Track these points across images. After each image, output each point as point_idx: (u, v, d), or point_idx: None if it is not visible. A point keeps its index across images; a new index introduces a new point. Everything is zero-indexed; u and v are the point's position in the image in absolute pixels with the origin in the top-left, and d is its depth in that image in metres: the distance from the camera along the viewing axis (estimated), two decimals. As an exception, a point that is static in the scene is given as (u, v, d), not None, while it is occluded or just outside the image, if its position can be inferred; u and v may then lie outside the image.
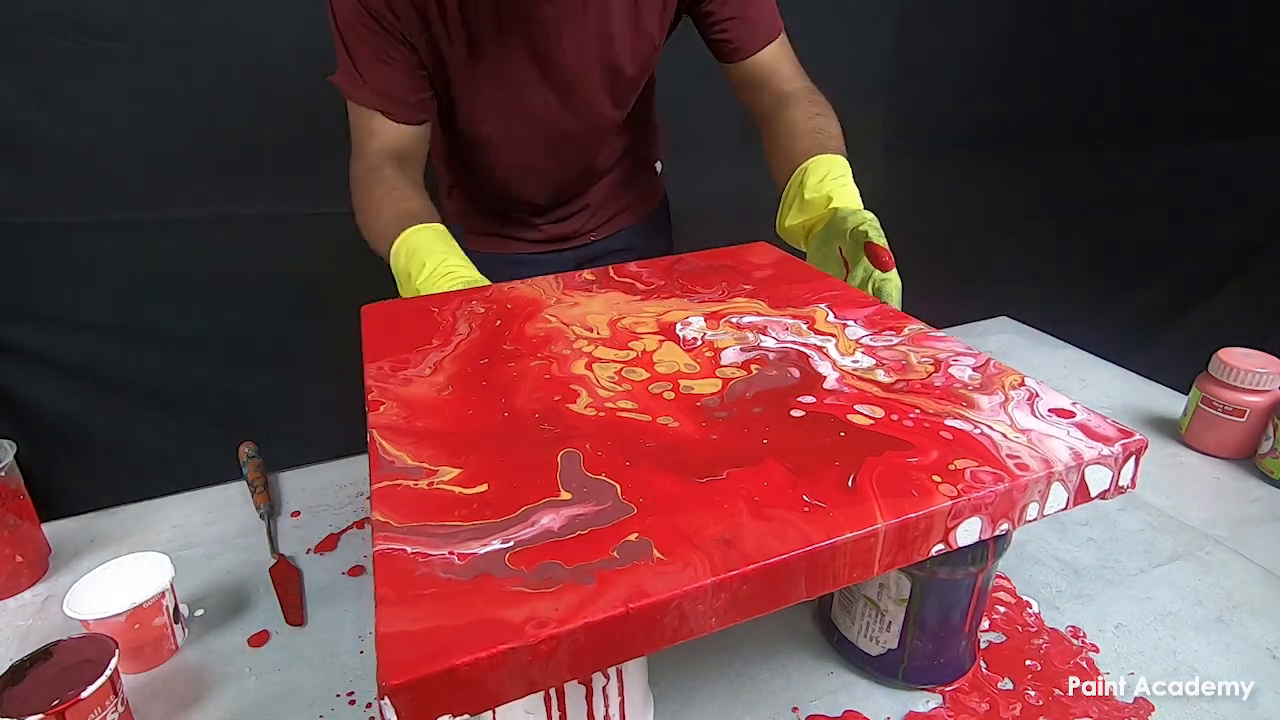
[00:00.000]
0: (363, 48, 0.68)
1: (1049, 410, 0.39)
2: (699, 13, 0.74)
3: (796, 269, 0.59)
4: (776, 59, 0.76)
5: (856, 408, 0.40)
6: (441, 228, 0.65)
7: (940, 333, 0.48)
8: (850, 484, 0.34)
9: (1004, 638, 0.48)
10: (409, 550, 0.31)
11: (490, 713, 0.34)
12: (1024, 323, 0.92)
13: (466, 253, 0.64)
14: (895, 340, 0.47)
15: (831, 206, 0.64)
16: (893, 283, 0.58)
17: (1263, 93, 1.36)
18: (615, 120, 0.80)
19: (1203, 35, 1.36)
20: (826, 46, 0.94)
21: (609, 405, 0.41)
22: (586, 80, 0.74)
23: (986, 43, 1.32)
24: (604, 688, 0.36)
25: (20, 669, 0.40)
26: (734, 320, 0.50)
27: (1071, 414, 0.39)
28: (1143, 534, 0.57)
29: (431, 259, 0.61)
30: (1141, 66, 1.35)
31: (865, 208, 0.63)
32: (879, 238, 0.58)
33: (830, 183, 0.65)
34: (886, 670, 0.44)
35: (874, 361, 0.44)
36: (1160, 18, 1.35)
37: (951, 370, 0.43)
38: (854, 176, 0.67)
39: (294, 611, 0.52)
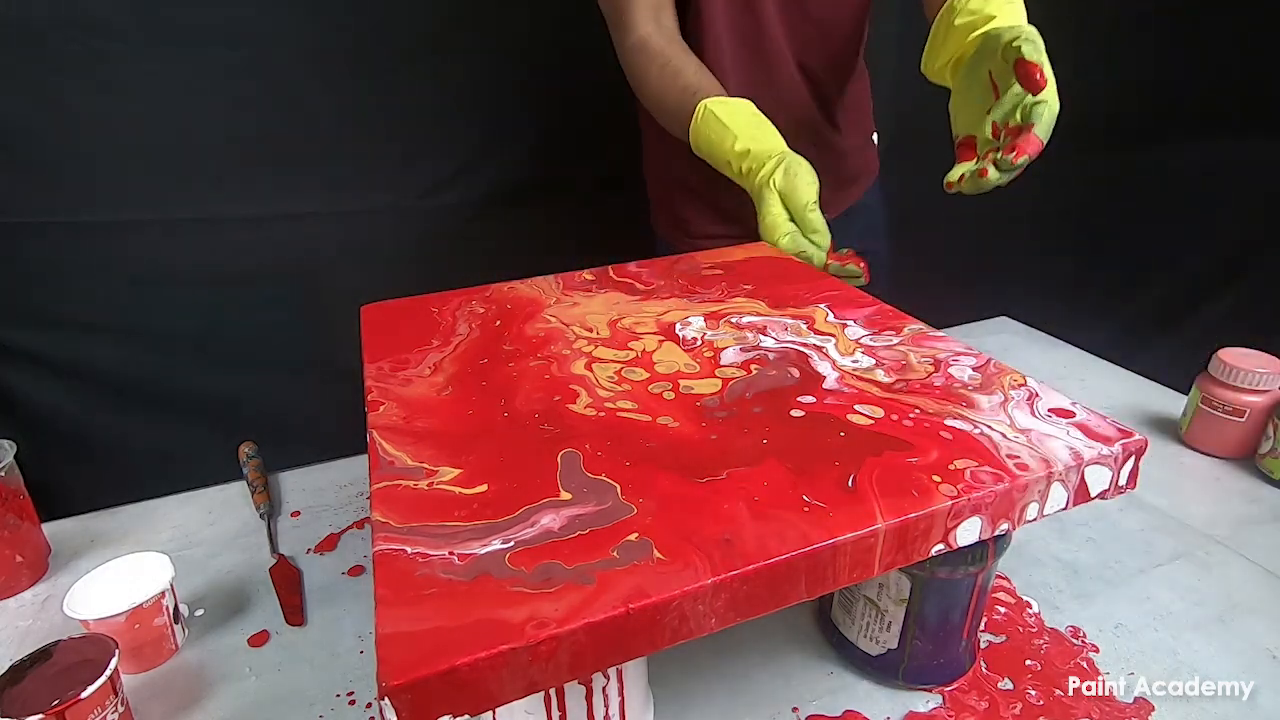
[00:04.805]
0: None
1: (1049, 410, 0.39)
2: None
3: (796, 269, 0.59)
4: None
5: (856, 408, 0.40)
6: (725, 103, 0.66)
7: (940, 333, 0.48)
8: (850, 484, 0.34)
9: (1004, 638, 0.48)
10: (409, 550, 0.31)
11: (490, 713, 0.34)
12: (1024, 323, 0.92)
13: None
14: (895, 340, 0.47)
15: (987, 29, 0.55)
16: (1048, 107, 0.50)
17: (1263, 93, 1.36)
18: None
19: (1203, 35, 1.36)
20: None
21: (609, 405, 0.41)
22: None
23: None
24: (604, 688, 0.36)
25: (20, 669, 0.40)
26: (734, 320, 0.50)
27: (1071, 414, 0.39)
28: (1143, 534, 0.57)
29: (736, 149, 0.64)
30: (1141, 66, 1.35)
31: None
32: (1034, 53, 0.50)
33: (993, 2, 0.56)
34: (886, 670, 0.44)
35: (874, 361, 0.44)
36: (1160, 17, 1.35)
37: (951, 370, 0.43)
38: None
39: (294, 611, 0.52)
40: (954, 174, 0.57)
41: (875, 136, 0.94)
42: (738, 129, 0.64)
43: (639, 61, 0.72)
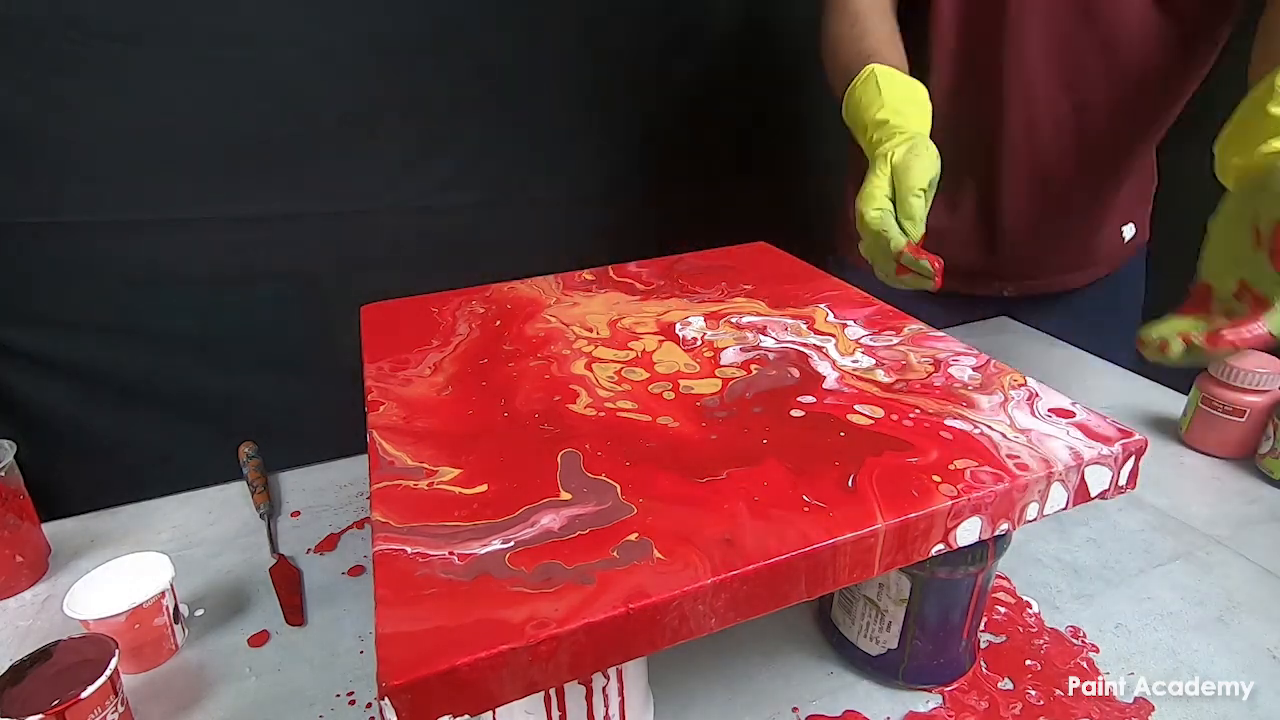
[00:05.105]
0: None
1: (1049, 410, 0.39)
2: None
3: (796, 269, 0.59)
4: None
5: (856, 408, 0.40)
6: (894, 75, 0.61)
7: (940, 333, 0.48)
8: (850, 484, 0.34)
9: (1004, 638, 0.48)
10: (409, 550, 0.31)
11: (490, 713, 0.34)
12: (1024, 323, 0.92)
13: None
14: (895, 340, 0.47)
15: None
16: None
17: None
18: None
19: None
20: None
21: (609, 405, 0.41)
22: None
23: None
24: (604, 688, 0.36)
25: (20, 669, 0.40)
26: (734, 320, 0.50)
27: (1071, 414, 0.39)
28: (1143, 534, 0.57)
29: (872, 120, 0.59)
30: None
31: None
32: None
33: None
34: (886, 670, 0.44)
35: (874, 361, 0.44)
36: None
37: (951, 370, 0.43)
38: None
39: (294, 611, 0.52)
40: (1150, 330, 0.43)
41: (1131, 229, 0.82)
42: (889, 99, 0.59)
43: (835, 14, 0.70)
